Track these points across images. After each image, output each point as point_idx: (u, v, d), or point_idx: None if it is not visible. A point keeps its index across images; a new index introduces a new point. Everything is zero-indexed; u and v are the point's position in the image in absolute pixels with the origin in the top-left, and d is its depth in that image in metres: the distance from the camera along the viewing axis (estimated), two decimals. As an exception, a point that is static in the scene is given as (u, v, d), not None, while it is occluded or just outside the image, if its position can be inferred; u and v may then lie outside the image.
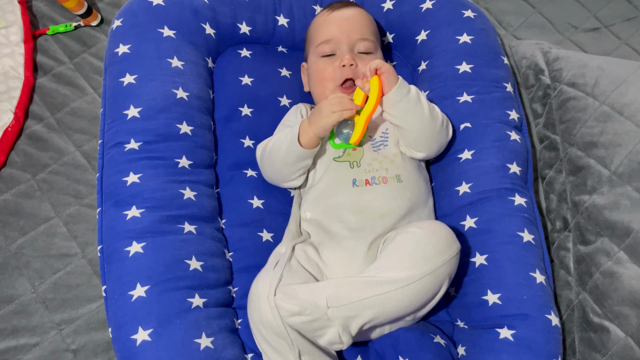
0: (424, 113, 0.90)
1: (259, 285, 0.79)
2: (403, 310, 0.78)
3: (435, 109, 0.94)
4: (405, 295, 0.76)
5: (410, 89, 0.90)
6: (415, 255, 0.78)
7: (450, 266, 0.80)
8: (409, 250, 0.79)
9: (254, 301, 0.80)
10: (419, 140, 0.93)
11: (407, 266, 0.77)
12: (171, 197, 0.92)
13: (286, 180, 0.98)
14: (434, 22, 1.13)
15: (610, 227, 0.89)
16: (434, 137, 0.94)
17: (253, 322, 0.81)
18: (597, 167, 0.94)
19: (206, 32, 1.09)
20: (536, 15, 1.35)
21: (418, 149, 0.94)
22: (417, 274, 0.77)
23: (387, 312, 0.77)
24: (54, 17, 1.32)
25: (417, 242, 0.80)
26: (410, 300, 0.77)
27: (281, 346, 0.78)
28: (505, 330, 0.86)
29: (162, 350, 0.80)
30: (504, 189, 0.96)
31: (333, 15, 1.05)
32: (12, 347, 0.96)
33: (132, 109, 0.96)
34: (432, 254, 0.79)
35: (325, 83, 1.02)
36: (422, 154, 0.95)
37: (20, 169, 1.13)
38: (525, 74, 1.20)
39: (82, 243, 1.05)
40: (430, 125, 0.92)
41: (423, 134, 0.92)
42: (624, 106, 0.94)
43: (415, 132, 0.92)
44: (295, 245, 0.90)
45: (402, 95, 0.88)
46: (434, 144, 0.95)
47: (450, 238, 0.82)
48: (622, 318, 0.84)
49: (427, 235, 0.81)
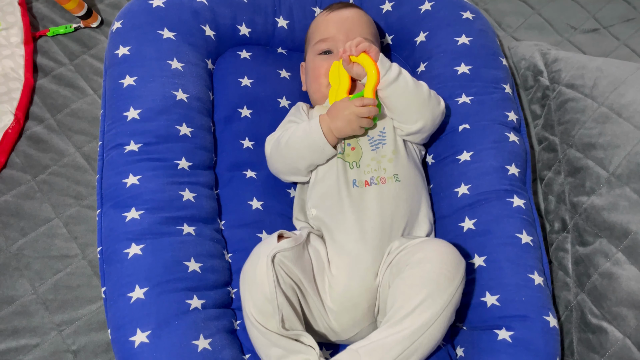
0: (408, 83, 0.91)
1: (261, 246, 0.83)
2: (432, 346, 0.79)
3: (419, 82, 0.95)
4: (433, 333, 0.77)
5: (391, 64, 0.91)
6: (431, 291, 0.78)
7: (462, 287, 0.81)
8: (423, 288, 0.78)
9: (252, 259, 0.82)
10: (411, 110, 0.93)
11: (426, 306, 0.77)
12: (170, 199, 0.92)
13: (297, 174, 0.97)
14: (432, 23, 1.14)
15: (608, 228, 0.89)
16: (425, 105, 0.93)
17: (245, 281, 0.83)
18: (595, 168, 0.94)
19: (206, 33, 1.09)
20: (535, 17, 1.35)
21: (413, 120, 0.93)
22: (437, 310, 0.77)
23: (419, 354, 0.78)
24: (54, 19, 1.32)
25: (429, 276, 0.79)
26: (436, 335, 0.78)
27: (266, 309, 0.79)
28: (503, 332, 0.86)
29: (160, 352, 0.80)
30: (502, 190, 0.96)
31: (332, 15, 1.06)
32: (12, 347, 0.97)
33: (132, 111, 0.97)
34: (445, 285, 0.79)
35: (321, 79, 1.03)
36: (419, 124, 0.93)
37: (20, 170, 1.13)
38: (524, 75, 1.20)
39: (82, 244, 1.06)
40: (417, 94, 0.92)
41: (413, 104, 0.93)
42: (622, 107, 0.94)
43: (404, 103, 0.92)
44: (310, 232, 0.91)
45: (385, 69, 0.90)
46: (426, 112, 0.94)
47: (457, 260, 0.82)
48: (620, 319, 0.84)
49: (438, 266, 0.80)
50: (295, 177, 0.98)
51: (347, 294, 0.86)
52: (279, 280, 0.80)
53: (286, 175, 0.99)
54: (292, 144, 0.94)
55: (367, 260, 0.87)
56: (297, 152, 0.94)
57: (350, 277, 0.86)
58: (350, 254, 0.88)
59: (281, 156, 0.96)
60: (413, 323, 0.76)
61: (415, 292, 0.78)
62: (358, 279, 0.86)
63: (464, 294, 0.92)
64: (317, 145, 0.92)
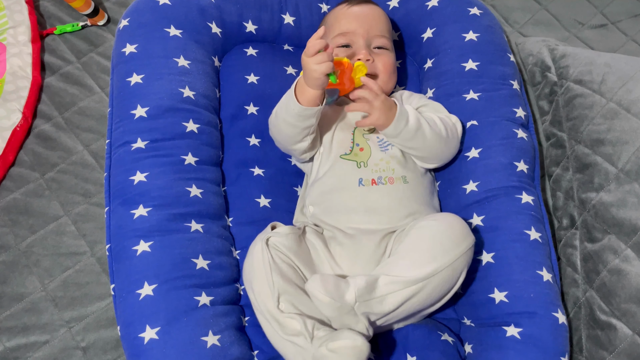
0: (426, 137, 0.91)
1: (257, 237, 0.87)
2: (423, 305, 0.80)
3: (437, 126, 0.93)
4: (428, 290, 0.79)
5: (408, 118, 0.90)
6: (433, 249, 0.80)
7: (466, 258, 0.82)
8: (427, 244, 0.81)
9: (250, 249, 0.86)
10: (427, 158, 0.95)
11: (427, 261, 0.79)
12: (178, 195, 0.93)
13: (294, 142, 0.96)
14: (440, 19, 1.13)
15: (617, 224, 0.89)
16: (442, 152, 0.96)
17: (245, 270, 0.86)
18: (604, 164, 0.94)
19: (212, 31, 1.09)
20: (543, 12, 1.34)
21: (428, 163, 0.97)
22: (437, 267, 0.78)
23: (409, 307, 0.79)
24: (61, 17, 1.33)
25: (434, 235, 0.81)
26: (430, 294, 0.79)
27: (264, 290, 0.80)
28: (512, 328, 0.86)
29: (170, 348, 0.80)
30: (511, 187, 0.96)
31: (353, 9, 1.05)
32: (22, 344, 0.97)
33: (140, 109, 0.97)
34: (449, 246, 0.80)
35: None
36: (433, 165, 0.97)
37: (29, 168, 1.13)
38: (532, 71, 1.19)
39: (91, 241, 1.06)
40: (436, 145, 0.93)
41: (430, 154, 0.94)
42: (631, 103, 0.94)
43: (422, 154, 0.94)
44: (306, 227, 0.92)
45: (400, 128, 0.89)
46: (443, 156, 0.97)
47: (465, 230, 0.83)
48: (629, 315, 0.84)
49: (443, 228, 0.82)
50: (294, 145, 0.96)
51: None
52: (274, 259, 0.82)
53: (285, 143, 0.98)
54: (278, 109, 0.95)
55: (369, 250, 0.89)
56: (281, 117, 0.93)
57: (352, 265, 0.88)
58: (354, 245, 0.89)
59: (273, 125, 0.98)
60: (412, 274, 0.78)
61: (419, 247, 0.80)
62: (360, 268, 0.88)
63: (472, 291, 0.92)
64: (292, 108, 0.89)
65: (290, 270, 0.83)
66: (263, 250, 0.82)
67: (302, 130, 0.92)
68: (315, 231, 0.92)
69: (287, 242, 0.85)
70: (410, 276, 0.78)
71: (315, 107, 0.89)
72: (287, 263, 0.84)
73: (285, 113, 0.92)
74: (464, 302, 0.94)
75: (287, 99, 0.91)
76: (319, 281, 0.76)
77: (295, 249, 0.86)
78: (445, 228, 0.82)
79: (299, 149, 0.97)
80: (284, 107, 0.92)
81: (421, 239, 0.82)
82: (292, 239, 0.87)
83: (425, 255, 0.79)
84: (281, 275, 0.81)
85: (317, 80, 0.85)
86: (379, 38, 1.02)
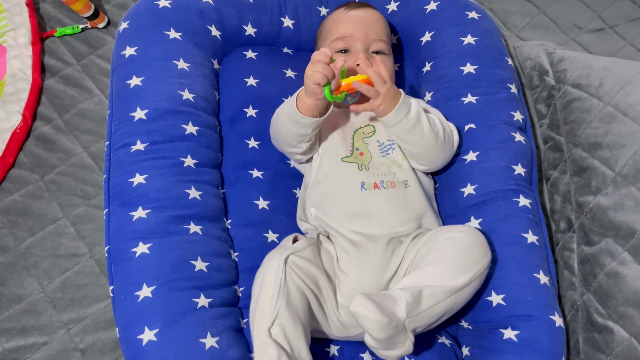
0: (424, 132, 0.91)
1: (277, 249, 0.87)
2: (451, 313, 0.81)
3: (436, 126, 0.93)
4: (461, 298, 0.80)
5: (410, 109, 0.89)
6: (467, 259, 0.81)
7: (486, 272, 0.84)
8: (459, 255, 0.82)
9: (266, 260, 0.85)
10: (420, 156, 0.94)
11: (462, 270, 0.80)
12: (177, 197, 0.93)
13: (289, 145, 0.96)
14: (438, 23, 1.14)
15: (614, 228, 0.89)
16: (436, 154, 0.94)
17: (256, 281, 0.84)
18: (601, 168, 0.94)
19: (212, 33, 1.10)
20: (541, 16, 1.35)
21: (420, 163, 0.96)
22: (472, 276, 0.80)
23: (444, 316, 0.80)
24: (61, 19, 1.33)
25: (466, 246, 0.83)
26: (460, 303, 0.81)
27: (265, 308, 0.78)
28: (509, 331, 0.86)
29: (168, 350, 0.81)
30: (509, 190, 0.96)
31: (351, 13, 1.05)
32: (21, 346, 0.97)
33: (139, 111, 0.97)
34: (478, 257, 0.83)
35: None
36: (425, 167, 0.96)
37: (28, 169, 1.14)
38: (530, 75, 1.20)
39: (90, 243, 1.06)
40: (431, 144, 0.92)
41: (424, 151, 0.93)
42: (628, 107, 0.94)
43: (416, 150, 0.93)
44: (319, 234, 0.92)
45: (400, 117, 0.89)
46: (436, 159, 0.96)
47: (486, 243, 0.86)
48: (626, 319, 0.84)
49: (473, 240, 0.84)
50: (289, 148, 0.97)
51: (359, 289, 0.86)
52: (287, 281, 0.80)
53: (281, 145, 0.99)
54: (280, 111, 0.95)
55: (376, 256, 0.88)
56: (280, 119, 0.94)
57: (360, 272, 0.87)
58: (359, 252, 0.88)
59: (273, 125, 0.98)
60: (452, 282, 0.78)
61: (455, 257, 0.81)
62: (368, 274, 0.87)
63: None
64: (291, 112, 0.90)
65: (297, 296, 0.80)
66: (278, 269, 0.80)
67: (298, 136, 0.93)
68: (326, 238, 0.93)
69: (308, 254, 0.85)
70: (452, 285, 0.78)
71: (312, 117, 0.88)
72: (297, 286, 0.81)
73: (285, 116, 0.92)
74: (462, 304, 0.94)
75: (289, 102, 0.92)
76: (366, 299, 0.71)
77: (316, 261, 0.86)
78: (473, 240, 0.84)
79: (294, 152, 0.98)
80: (285, 109, 0.93)
81: (453, 249, 0.83)
82: (310, 250, 0.86)
83: (460, 265, 0.80)
84: (287, 299, 0.79)
85: (309, 87, 0.85)
86: (377, 42, 1.02)
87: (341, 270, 0.88)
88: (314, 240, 0.89)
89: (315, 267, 0.85)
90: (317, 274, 0.85)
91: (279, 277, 0.80)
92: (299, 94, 0.89)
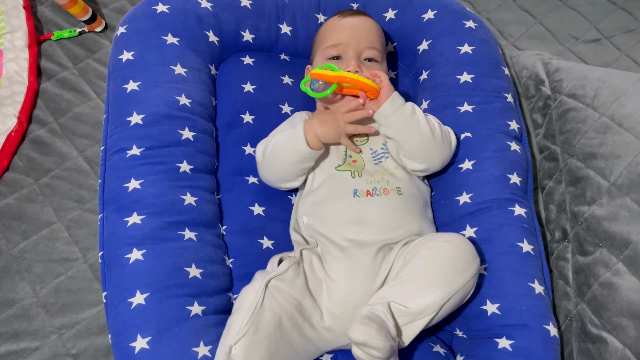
0: (420, 125, 0.91)
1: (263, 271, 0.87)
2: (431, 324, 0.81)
3: (432, 122, 0.94)
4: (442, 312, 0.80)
5: (404, 102, 0.91)
6: (447, 271, 0.81)
7: (475, 279, 0.83)
8: (440, 267, 0.81)
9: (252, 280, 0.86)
10: (418, 152, 0.93)
11: (442, 284, 0.80)
12: (172, 203, 0.92)
13: (286, 181, 0.97)
14: (435, 32, 1.14)
15: (609, 238, 0.90)
16: (433, 149, 0.94)
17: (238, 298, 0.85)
18: (596, 178, 0.95)
19: (210, 39, 1.10)
20: (537, 26, 1.36)
21: (417, 161, 0.94)
22: (450, 290, 0.80)
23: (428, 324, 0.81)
24: (58, 23, 1.33)
25: (447, 258, 0.82)
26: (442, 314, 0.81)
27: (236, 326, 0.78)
28: (503, 340, 0.86)
29: (161, 358, 0.80)
30: (504, 199, 0.96)
31: (344, 21, 1.06)
32: (12, 350, 0.97)
33: (135, 116, 0.97)
34: (461, 268, 0.81)
35: None
36: (423, 165, 0.94)
37: (23, 173, 1.13)
38: (526, 85, 1.20)
39: (84, 248, 1.06)
40: (427, 138, 0.92)
41: (420, 146, 0.92)
42: (623, 118, 0.95)
43: (412, 145, 0.92)
44: (302, 250, 0.92)
45: (395, 107, 0.90)
46: (434, 156, 0.94)
47: (473, 252, 0.84)
48: (620, 329, 0.85)
49: (455, 250, 0.83)
50: (285, 184, 0.98)
51: (349, 297, 0.86)
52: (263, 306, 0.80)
53: (275, 182, 0.99)
54: (276, 149, 0.95)
55: (366, 263, 0.88)
56: (280, 158, 0.94)
57: (350, 280, 0.87)
58: (349, 259, 0.88)
59: (267, 163, 0.97)
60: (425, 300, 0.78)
61: (433, 269, 0.81)
62: (359, 281, 0.87)
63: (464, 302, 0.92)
64: (299, 150, 0.91)
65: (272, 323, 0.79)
66: (258, 292, 0.81)
67: (301, 170, 0.94)
68: (310, 251, 0.92)
69: (288, 277, 0.85)
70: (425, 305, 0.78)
71: (321, 150, 0.93)
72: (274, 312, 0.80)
73: (290, 155, 0.93)
74: (456, 313, 0.94)
75: (294, 142, 0.92)
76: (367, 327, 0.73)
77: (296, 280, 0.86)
78: (456, 251, 0.83)
79: (291, 186, 0.99)
80: (290, 148, 0.93)
81: (434, 261, 0.82)
82: (292, 270, 0.86)
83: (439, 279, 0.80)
84: (258, 324, 0.78)
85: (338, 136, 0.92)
86: (370, 50, 1.03)
87: (330, 278, 0.88)
88: (297, 259, 0.89)
89: (298, 288, 0.85)
90: (300, 295, 0.84)
91: (256, 300, 0.80)
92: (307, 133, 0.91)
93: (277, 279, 0.84)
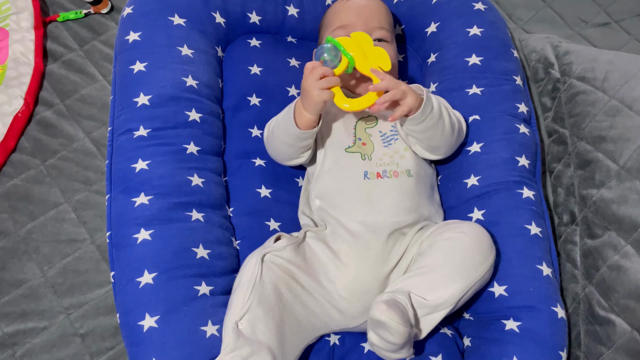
0: (445, 126, 0.91)
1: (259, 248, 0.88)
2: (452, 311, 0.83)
3: (453, 117, 0.94)
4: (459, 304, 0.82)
5: (433, 106, 0.88)
6: (465, 264, 0.82)
7: (492, 270, 0.85)
8: (459, 259, 0.82)
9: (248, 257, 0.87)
10: (439, 147, 0.94)
11: (461, 277, 0.81)
12: (179, 184, 0.92)
13: (290, 159, 0.97)
14: (444, 14, 1.13)
15: (617, 221, 0.89)
16: (452, 145, 0.96)
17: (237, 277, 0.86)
18: (605, 161, 0.94)
19: (216, 20, 1.09)
20: (546, 9, 1.34)
21: (435, 154, 0.95)
22: (469, 283, 0.81)
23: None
24: (64, 4, 1.32)
25: (465, 250, 0.83)
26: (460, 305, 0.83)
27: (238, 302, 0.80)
28: (511, 322, 0.86)
29: (169, 336, 0.80)
30: (512, 181, 0.96)
31: (352, 2, 1.05)
32: (20, 330, 0.97)
33: (142, 97, 0.97)
34: (479, 261, 0.82)
35: None
36: (439, 157, 0.96)
37: (29, 154, 1.13)
38: (535, 68, 1.19)
39: (91, 229, 1.06)
40: (450, 136, 0.93)
41: (440, 143, 0.93)
42: (633, 101, 0.94)
43: (435, 143, 0.93)
44: (307, 232, 0.92)
45: (426, 114, 0.88)
46: (450, 149, 0.97)
47: (490, 243, 0.85)
48: (628, 312, 0.84)
49: (473, 243, 0.84)
50: (290, 161, 0.98)
51: (358, 281, 0.86)
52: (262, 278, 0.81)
53: (282, 160, 0.99)
54: (274, 131, 0.95)
55: (377, 247, 0.87)
56: (277, 139, 0.94)
57: (359, 264, 0.87)
58: (360, 242, 0.88)
59: (269, 144, 0.98)
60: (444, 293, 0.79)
61: (451, 262, 0.81)
62: (367, 267, 0.87)
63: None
64: (289, 130, 0.90)
65: (272, 294, 0.80)
66: (255, 266, 0.82)
67: (300, 148, 0.94)
68: (315, 234, 0.92)
69: (285, 254, 0.85)
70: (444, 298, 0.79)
71: (313, 129, 0.90)
72: (274, 284, 0.81)
73: (283, 134, 0.92)
74: (464, 295, 0.94)
75: (285, 121, 0.91)
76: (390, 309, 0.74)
77: (295, 260, 0.86)
78: (474, 242, 0.84)
79: (297, 163, 0.98)
80: (282, 128, 0.92)
81: (452, 254, 0.83)
82: (290, 250, 0.86)
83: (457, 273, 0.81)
84: (260, 296, 0.79)
85: (317, 105, 0.86)
86: (379, 30, 1.01)
87: (341, 262, 0.88)
88: (298, 240, 0.89)
89: (294, 266, 0.85)
90: (297, 272, 0.85)
91: (254, 274, 0.81)
92: (296, 110, 0.89)
93: (273, 254, 0.84)
